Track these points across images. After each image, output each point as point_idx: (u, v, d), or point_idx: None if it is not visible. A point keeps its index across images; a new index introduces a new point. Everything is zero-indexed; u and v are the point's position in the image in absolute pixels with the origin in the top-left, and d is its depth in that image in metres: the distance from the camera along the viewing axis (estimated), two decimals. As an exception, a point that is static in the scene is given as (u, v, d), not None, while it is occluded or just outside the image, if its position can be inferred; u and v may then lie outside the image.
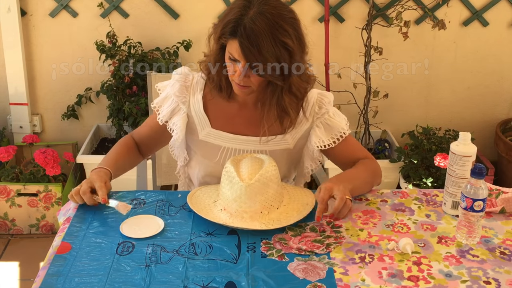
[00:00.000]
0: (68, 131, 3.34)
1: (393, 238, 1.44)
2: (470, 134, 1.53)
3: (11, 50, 3.08)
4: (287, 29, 1.48)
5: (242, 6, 1.49)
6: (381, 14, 3.08)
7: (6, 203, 2.83)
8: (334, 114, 1.69)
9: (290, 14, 1.52)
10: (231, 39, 1.49)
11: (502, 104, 3.36)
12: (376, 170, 1.72)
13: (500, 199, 1.58)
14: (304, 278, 1.30)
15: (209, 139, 1.70)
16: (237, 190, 1.48)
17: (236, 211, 1.48)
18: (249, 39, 1.45)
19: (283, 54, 1.48)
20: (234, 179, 1.49)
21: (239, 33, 1.47)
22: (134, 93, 3.02)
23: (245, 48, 1.47)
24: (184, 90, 1.69)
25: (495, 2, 3.10)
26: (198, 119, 1.70)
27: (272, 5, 1.49)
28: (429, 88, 3.31)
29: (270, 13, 1.47)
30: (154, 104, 1.73)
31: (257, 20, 1.46)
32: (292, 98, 1.59)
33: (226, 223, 1.46)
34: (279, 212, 1.52)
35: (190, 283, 1.28)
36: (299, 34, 1.52)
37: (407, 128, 3.26)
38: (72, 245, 1.41)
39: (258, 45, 1.45)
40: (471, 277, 1.32)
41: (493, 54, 3.23)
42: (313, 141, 1.68)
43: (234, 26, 1.48)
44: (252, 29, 1.45)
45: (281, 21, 1.48)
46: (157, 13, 3.11)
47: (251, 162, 1.53)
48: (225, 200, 1.51)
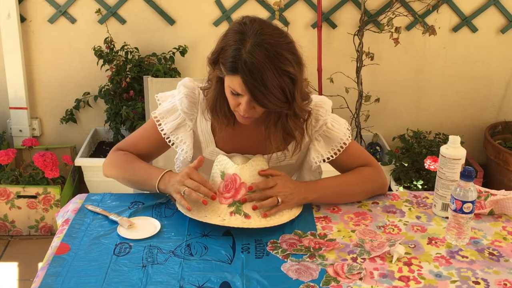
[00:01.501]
0: (67, 135, 3.36)
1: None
2: (459, 137, 1.54)
3: (11, 55, 3.10)
4: (287, 57, 1.42)
5: (237, 39, 1.43)
6: (372, 20, 3.12)
7: (6, 205, 2.85)
8: (333, 124, 1.63)
9: (286, 39, 1.46)
10: (232, 75, 1.44)
11: (490, 108, 3.39)
12: (371, 177, 1.67)
13: (489, 201, 1.59)
14: (297, 278, 1.32)
15: (212, 157, 1.65)
16: (231, 172, 1.52)
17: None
18: (252, 75, 1.39)
19: (286, 82, 1.43)
20: (227, 164, 1.53)
21: (240, 70, 1.40)
22: (131, 97, 3.05)
23: (249, 84, 1.41)
24: (193, 107, 1.63)
25: (484, 9, 3.14)
26: (204, 137, 1.67)
27: (268, 34, 1.43)
28: (420, 92, 3.34)
29: (268, 43, 1.41)
30: (155, 114, 1.66)
31: (256, 53, 1.39)
32: (297, 121, 1.55)
33: (221, 223, 1.47)
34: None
35: (185, 283, 1.29)
36: (297, 58, 1.47)
37: (398, 132, 3.30)
38: (70, 246, 1.42)
39: (262, 79, 1.39)
40: (460, 277, 1.33)
41: (482, 60, 3.26)
42: (312, 156, 1.64)
43: (233, 62, 1.41)
44: (253, 64, 1.39)
45: (280, 49, 1.42)
46: (153, 20, 3.14)
47: (241, 156, 1.60)
48: (217, 187, 1.53)
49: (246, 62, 1.40)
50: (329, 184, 1.64)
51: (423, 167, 2.84)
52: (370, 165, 1.69)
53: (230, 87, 1.47)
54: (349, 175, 1.67)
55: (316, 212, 1.60)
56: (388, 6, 3.07)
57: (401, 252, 1.40)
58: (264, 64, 1.39)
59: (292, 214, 1.54)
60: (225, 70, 1.45)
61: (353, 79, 3.13)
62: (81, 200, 1.64)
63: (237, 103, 1.49)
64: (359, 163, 1.68)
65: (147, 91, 2.05)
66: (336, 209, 1.62)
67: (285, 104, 1.47)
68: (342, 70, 3.14)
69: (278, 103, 1.45)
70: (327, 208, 1.62)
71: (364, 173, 1.66)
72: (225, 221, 1.48)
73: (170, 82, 2.08)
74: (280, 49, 1.42)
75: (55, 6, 3.09)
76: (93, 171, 3.04)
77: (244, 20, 1.47)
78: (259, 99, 1.43)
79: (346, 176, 1.67)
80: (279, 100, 1.44)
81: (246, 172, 1.53)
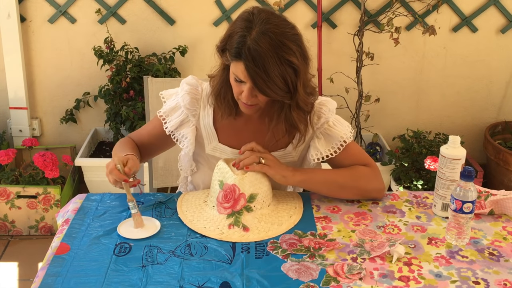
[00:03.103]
0: (67, 135, 3.37)
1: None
2: (459, 137, 1.55)
3: (11, 55, 3.11)
4: (291, 47, 1.43)
5: (244, 27, 1.44)
6: (372, 20, 3.13)
7: (6, 205, 2.85)
8: (334, 123, 1.64)
9: (293, 30, 1.47)
10: (236, 61, 1.46)
11: (490, 108, 3.39)
12: (365, 175, 1.66)
13: (489, 201, 1.59)
14: (297, 278, 1.32)
15: (215, 153, 1.68)
16: (231, 183, 1.52)
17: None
18: (255, 61, 1.41)
19: (289, 72, 1.44)
20: (227, 173, 1.53)
21: (243, 56, 1.42)
22: (131, 97, 3.05)
23: (251, 71, 1.42)
24: (195, 103, 1.66)
25: (484, 9, 3.14)
26: (206, 133, 1.68)
27: (274, 24, 1.44)
28: (420, 92, 3.35)
29: (273, 32, 1.42)
30: (161, 113, 1.68)
31: (260, 40, 1.41)
32: (300, 113, 1.55)
33: (219, 237, 1.47)
34: (270, 209, 1.56)
35: (185, 283, 1.29)
36: (303, 50, 1.48)
37: (398, 132, 3.31)
38: (70, 246, 1.43)
39: (264, 67, 1.41)
40: (460, 277, 1.34)
41: (482, 60, 3.27)
42: (311, 154, 1.65)
43: (237, 48, 1.43)
44: (256, 51, 1.41)
45: (285, 39, 1.43)
46: (153, 20, 3.14)
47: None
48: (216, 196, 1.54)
49: (250, 49, 1.41)
50: (320, 171, 1.66)
51: (423, 167, 2.84)
52: (367, 165, 1.68)
53: (234, 73, 1.48)
54: (343, 168, 1.67)
55: (316, 212, 1.61)
56: (388, 6, 3.08)
57: (401, 252, 1.40)
58: (267, 52, 1.41)
59: (291, 222, 1.55)
60: (230, 56, 1.47)
61: (353, 79, 3.14)
62: (81, 200, 1.65)
63: (240, 90, 1.51)
64: (358, 164, 1.68)
65: (147, 91, 2.06)
66: (336, 209, 1.62)
67: (287, 94, 1.48)
68: (342, 70, 3.14)
69: (279, 91, 1.46)
70: (327, 208, 1.63)
71: (358, 170, 1.66)
72: (223, 234, 1.48)
73: (170, 82, 2.08)
74: (284, 39, 1.43)
75: (55, 6, 3.10)
76: (93, 171, 3.04)
77: (253, 10, 1.49)
78: (260, 86, 1.44)
79: (339, 169, 1.67)
80: (280, 89, 1.45)
81: (245, 182, 1.53)
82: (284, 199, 1.65)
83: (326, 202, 1.66)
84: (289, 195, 1.68)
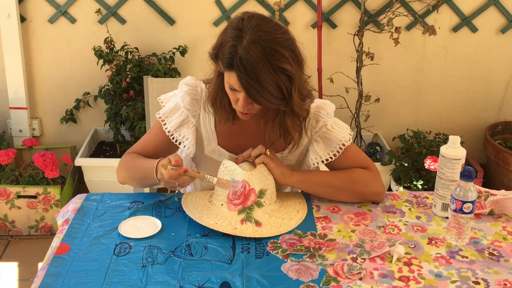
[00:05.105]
0: (67, 135, 3.37)
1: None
2: (459, 137, 1.55)
3: (11, 55, 3.11)
4: (284, 54, 1.40)
5: (234, 35, 1.41)
6: (372, 20, 3.13)
7: (6, 205, 2.85)
8: (333, 126, 1.62)
9: (285, 35, 1.44)
10: (228, 71, 1.44)
11: (490, 108, 3.40)
12: (364, 178, 1.64)
13: (489, 201, 1.60)
14: (297, 278, 1.32)
15: (213, 155, 1.68)
16: (240, 179, 1.52)
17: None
18: (247, 72, 1.38)
19: (283, 80, 1.41)
20: (235, 170, 1.53)
21: (235, 66, 1.40)
22: (131, 97, 3.06)
23: (243, 81, 1.40)
24: (195, 103, 1.64)
25: (484, 9, 3.14)
26: (206, 134, 1.67)
27: (265, 30, 1.41)
28: (420, 92, 3.35)
29: (264, 39, 1.39)
30: (160, 114, 1.66)
31: (251, 50, 1.38)
32: (295, 119, 1.55)
33: (233, 232, 1.47)
34: (277, 205, 1.57)
35: (185, 283, 1.29)
36: (296, 55, 1.44)
37: (398, 132, 3.31)
38: (70, 246, 1.43)
39: (257, 76, 1.38)
40: (460, 277, 1.34)
41: (482, 60, 3.27)
42: (310, 157, 1.63)
43: (229, 59, 1.41)
44: (248, 61, 1.38)
45: (277, 46, 1.40)
46: (153, 20, 3.15)
47: (248, 163, 1.60)
48: (226, 193, 1.53)
49: (242, 59, 1.39)
50: (317, 173, 1.66)
51: (423, 167, 2.84)
52: (366, 168, 1.66)
53: (228, 82, 1.47)
54: (341, 171, 1.65)
55: (316, 212, 1.61)
56: (388, 6, 3.08)
57: (401, 252, 1.40)
58: (259, 61, 1.38)
59: (299, 217, 1.56)
60: (223, 66, 1.45)
61: (353, 79, 3.14)
62: (81, 200, 1.65)
63: (236, 98, 1.49)
64: (357, 166, 1.66)
65: (147, 91, 2.06)
66: (336, 209, 1.62)
67: (282, 102, 1.46)
68: (342, 70, 3.14)
69: (273, 100, 1.44)
70: (327, 208, 1.63)
71: (356, 173, 1.64)
72: (237, 229, 1.48)
73: (170, 82, 2.08)
74: (276, 46, 1.40)
75: (55, 6, 3.10)
76: (93, 171, 3.05)
77: (243, 16, 1.46)
78: (254, 96, 1.42)
79: (337, 171, 1.66)
80: (274, 98, 1.43)
81: (255, 178, 1.53)
82: (287, 196, 1.66)
83: (326, 202, 1.66)
84: (290, 193, 1.69)
